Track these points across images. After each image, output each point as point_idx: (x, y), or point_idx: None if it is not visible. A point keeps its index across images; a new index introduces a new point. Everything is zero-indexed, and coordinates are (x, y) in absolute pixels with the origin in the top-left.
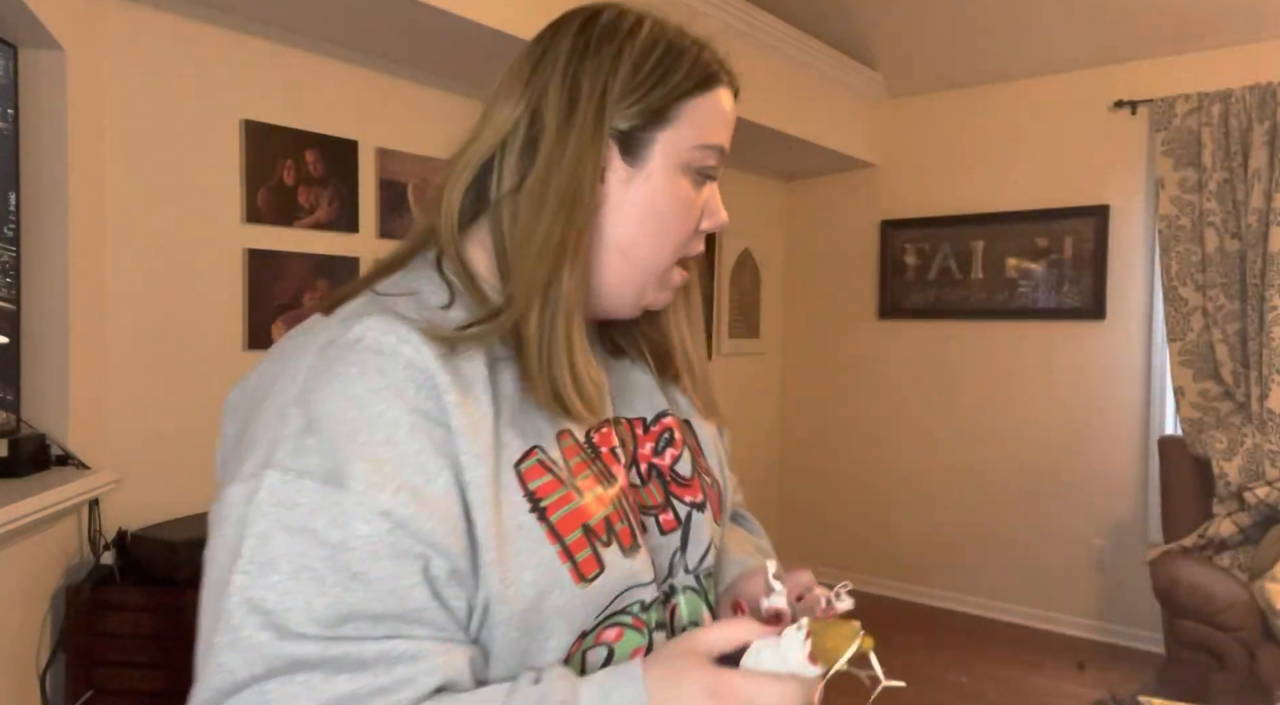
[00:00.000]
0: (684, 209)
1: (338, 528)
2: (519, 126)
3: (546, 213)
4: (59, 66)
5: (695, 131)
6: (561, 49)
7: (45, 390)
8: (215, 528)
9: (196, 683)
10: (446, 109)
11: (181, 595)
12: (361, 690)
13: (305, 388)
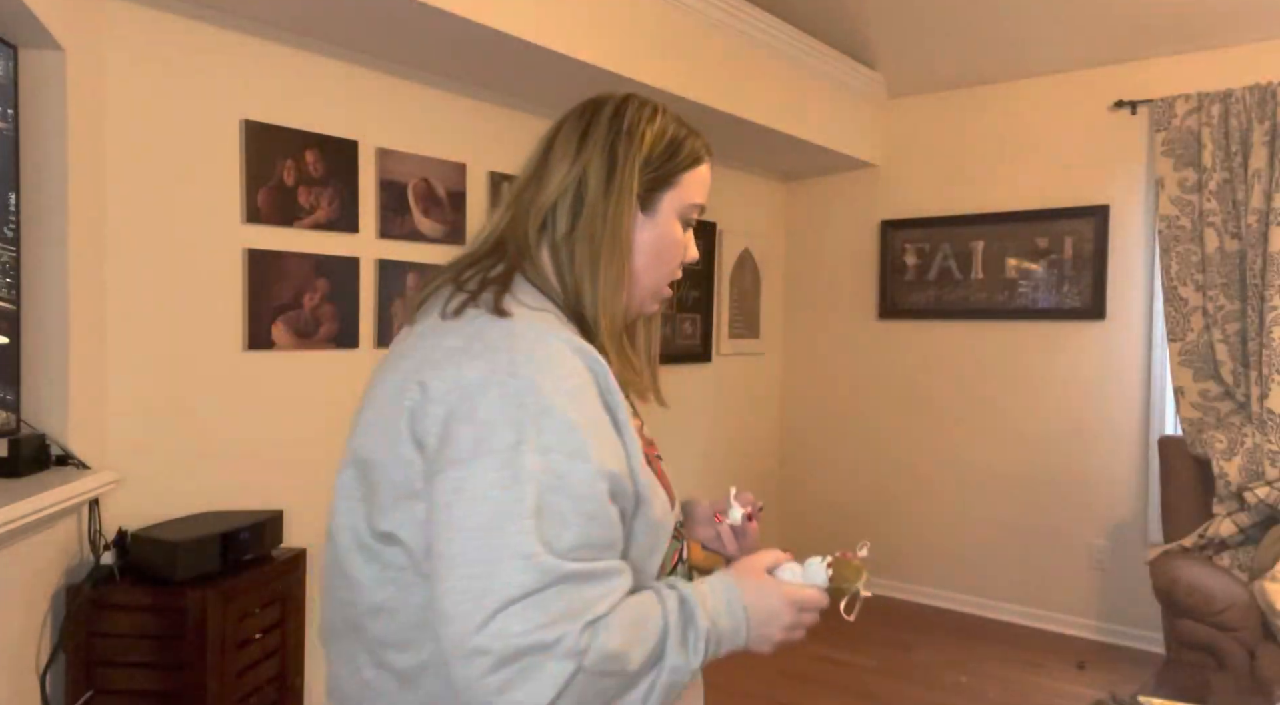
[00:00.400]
0: (677, 247)
1: (584, 486)
2: (569, 186)
3: (604, 252)
4: (59, 66)
5: (689, 193)
6: (600, 130)
7: (45, 390)
8: (473, 484)
9: (479, 598)
10: (446, 109)
11: (181, 595)
12: (598, 594)
13: (533, 384)
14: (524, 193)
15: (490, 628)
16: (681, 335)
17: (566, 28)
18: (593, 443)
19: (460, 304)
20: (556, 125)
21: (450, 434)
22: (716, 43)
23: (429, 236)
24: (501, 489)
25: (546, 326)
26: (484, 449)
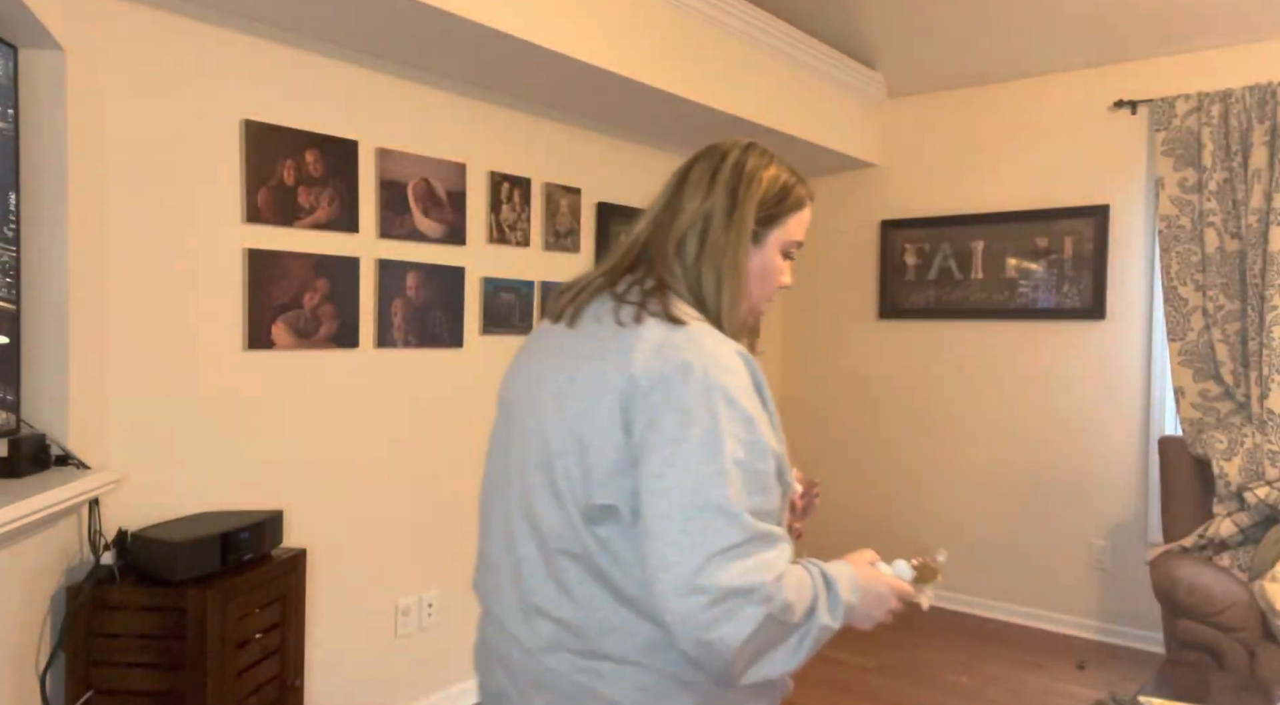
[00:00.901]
0: (778, 274)
1: (760, 464)
2: (698, 220)
3: (726, 277)
4: (59, 66)
5: (791, 231)
6: (725, 173)
7: (45, 390)
8: (681, 459)
9: (695, 548)
10: (446, 109)
11: (181, 595)
12: (776, 554)
13: (718, 379)
14: (661, 219)
15: (705, 572)
16: None
17: (567, 28)
18: (763, 429)
19: (635, 313)
20: (689, 164)
21: (658, 420)
22: (716, 42)
23: (429, 236)
24: (703, 463)
25: (714, 332)
26: (687, 431)
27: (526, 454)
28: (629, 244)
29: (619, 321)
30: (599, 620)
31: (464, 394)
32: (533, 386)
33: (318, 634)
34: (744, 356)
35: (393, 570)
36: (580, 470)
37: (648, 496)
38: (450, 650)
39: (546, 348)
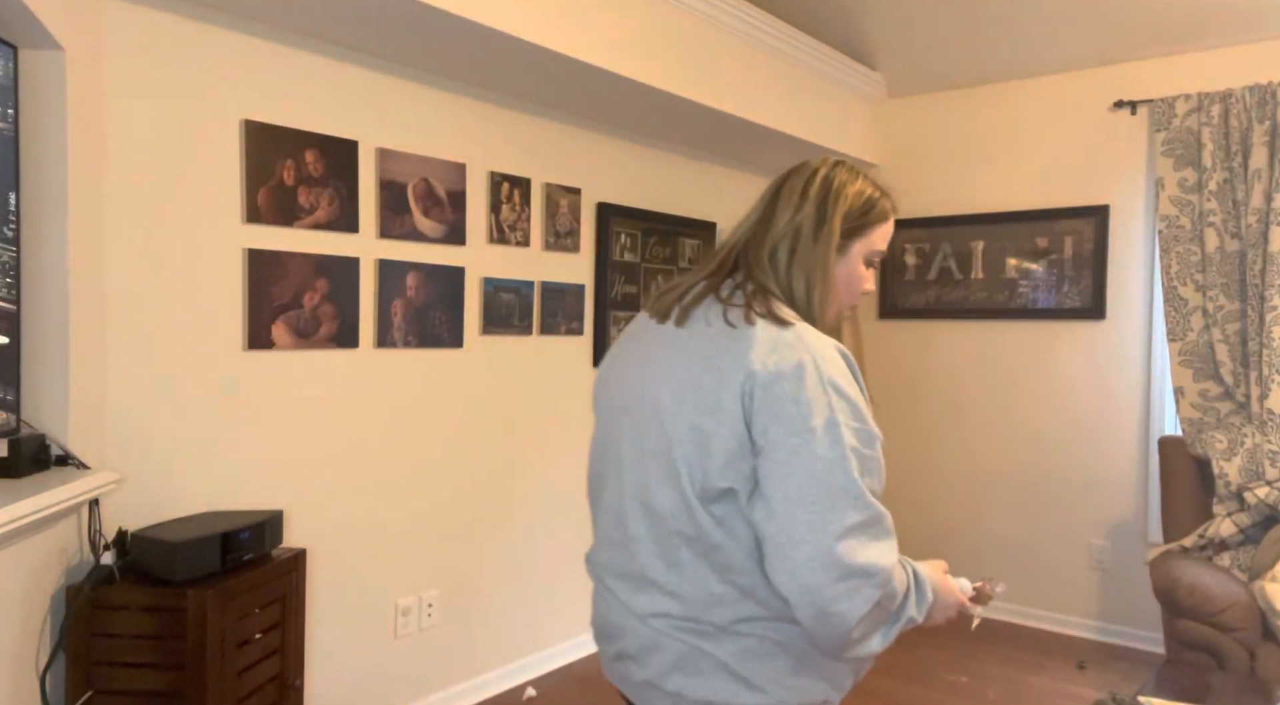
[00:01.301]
0: (860, 281)
1: (868, 448)
2: (789, 231)
3: (815, 283)
4: (59, 66)
5: (874, 241)
6: (815, 188)
7: (45, 390)
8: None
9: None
10: (446, 109)
11: (181, 595)
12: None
13: (829, 374)
14: (755, 229)
15: (838, 549)
16: None
17: (566, 28)
18: (868, 414)
19: (744, 315)
20: (781, 179)
21: (781, 412)
22: (716, 42)
23: (429, 236)
24: (828, 449)
25: (815, 331)
26: (809, 422)
27: (642, 444)
28: (725, 252)
29: (729, 322)
30: (704, 594)
31: (464, 394)
32: (646, 383)
33: (318, 634)
34: (841, 351)
35: (393, 570)
36: (699, 457)
37: (775, 482)
38: (450, 650)
39: (655, 347)
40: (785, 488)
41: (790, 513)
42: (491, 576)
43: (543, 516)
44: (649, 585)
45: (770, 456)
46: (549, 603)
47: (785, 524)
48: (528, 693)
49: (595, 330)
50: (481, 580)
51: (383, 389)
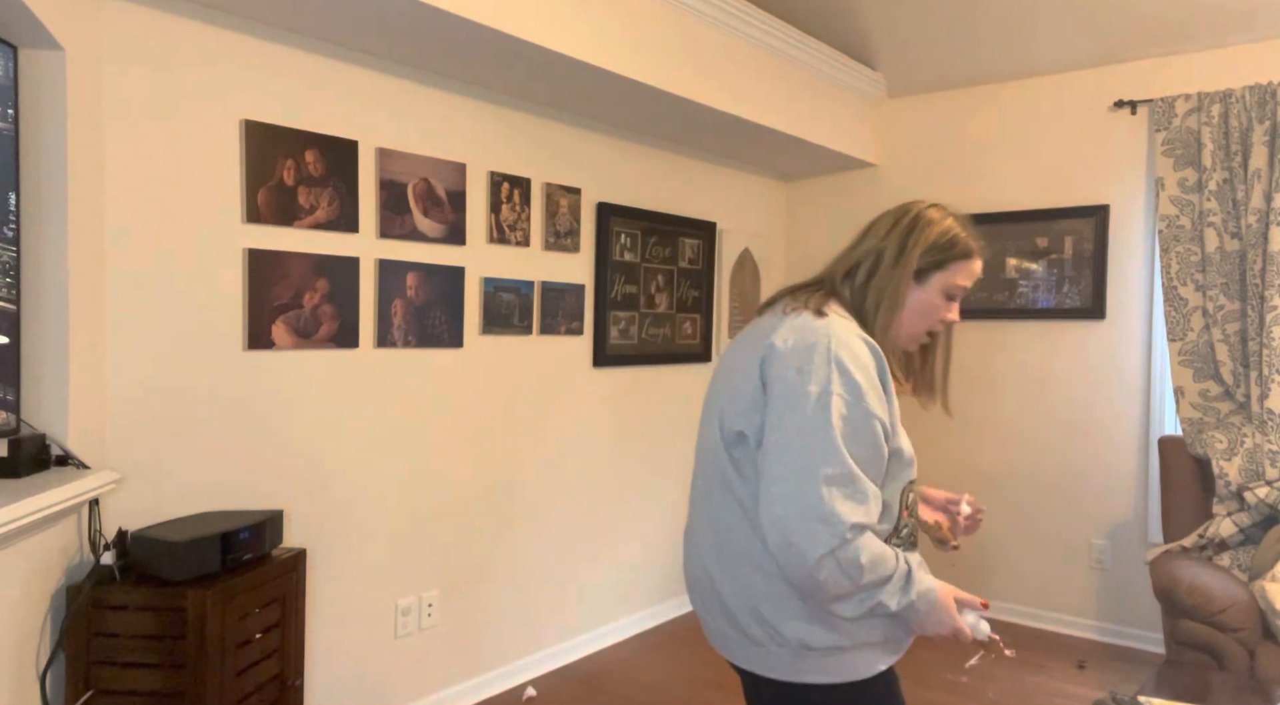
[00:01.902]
0: (936, 311)
1: (865, 422)
2: (870, 255)
3: (883, 306)
4: (59, 66)
5: (955, 276)
6: (904, 222)
7: (45, 390)
8: (800, 405)
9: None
10: (446, 109)
11: (181, 595)
12: (864, 501)
13: (837, 353)
14: (844, 253)
15: (806, 491)
16: (681, 335)
17: (566, 28)
18: (870, 396)
19: (796, 308)
20: (880, 216)
21: (785, 374)
22: (716, 42)
23: (429, 236)
24: (817, 411)
25: (849, 324)
26: (807, 386)
27: (709, 410)
28: (819, 272)
29: (782, 313)
30: (727, 525)
31: (464, 394)
32: (725, 362)
33: (318, 634)
34: (871, 347)
35: (393, 570)
36: (729, 408)
37: (770, 431)
38: (450, 650)
39: (738, 337)
40: (775, 436)
41: (777, 456)
42: (491, 576)
43: (543, 516)
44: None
45: (771, 410)
46: (549, 603)
47: (771, 465)
48: (528, 693)
49: (595, 330)
50: (481, 580)
51: (383, 389)
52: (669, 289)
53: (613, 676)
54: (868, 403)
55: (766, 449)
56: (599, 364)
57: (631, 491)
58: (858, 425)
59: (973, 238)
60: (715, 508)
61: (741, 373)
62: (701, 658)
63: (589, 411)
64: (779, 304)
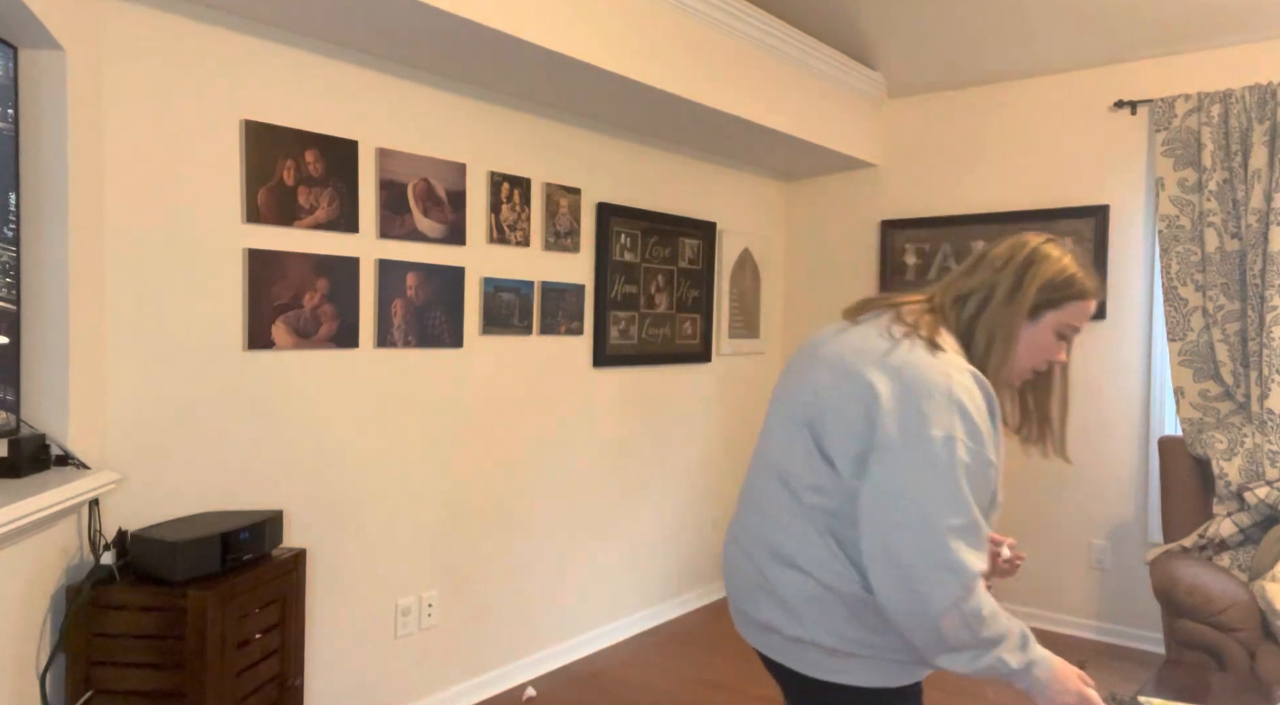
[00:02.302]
0: (1046, 350)
1: (983, 470)
2: (983, 287)
3: (996, 342)
4: (59, 66)
5: (1069, 316)
6: (1020, 257)
7: (45, 390)
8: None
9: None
10: (446, 109)
11: (181, 595)
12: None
13: (958, 397)
14: (955, 279)
15: (934, 541)
16: (681, 335)
17: (566, 28)
18: (989, 443)
19: (905, 332)
20: (993, 244)
21: (903, 412)
22: (716, 42)
23: (429, 236)
24: (940, 456)
25: (963, 362)
26: (929, 429)
27: (793, 410)
28: (933, 289)
29: (889, 333)
30: (788, 528)
31: (464, 394)
32: (816, 355)
33: (318, 634)
34: (982, 384)
35: (393, 570)
36: (821, 425)
37: (883, 470)
38: (450, 650)
39: (830, 338)
40: (894, 479)
41: (896, 502)
42: (491, 576)
43: (543, 516)
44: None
45: (885, 449)
46: (549, 603)
47: (890, 511)
48: (528, 693)
49: (595, 330)
50: (481, 580)
51: (383, 389)
52: (669, 289)
53: (613, 676)
54: (987, 451)
55: (882, 491)
56: (599, 364)
57: (632, 491)
58: (976, 473)
59: (1089, 278)
60: (778, 509)
61: (841, 393)
62: (701, 658)
63: (589, 412)
64: (881, 318)
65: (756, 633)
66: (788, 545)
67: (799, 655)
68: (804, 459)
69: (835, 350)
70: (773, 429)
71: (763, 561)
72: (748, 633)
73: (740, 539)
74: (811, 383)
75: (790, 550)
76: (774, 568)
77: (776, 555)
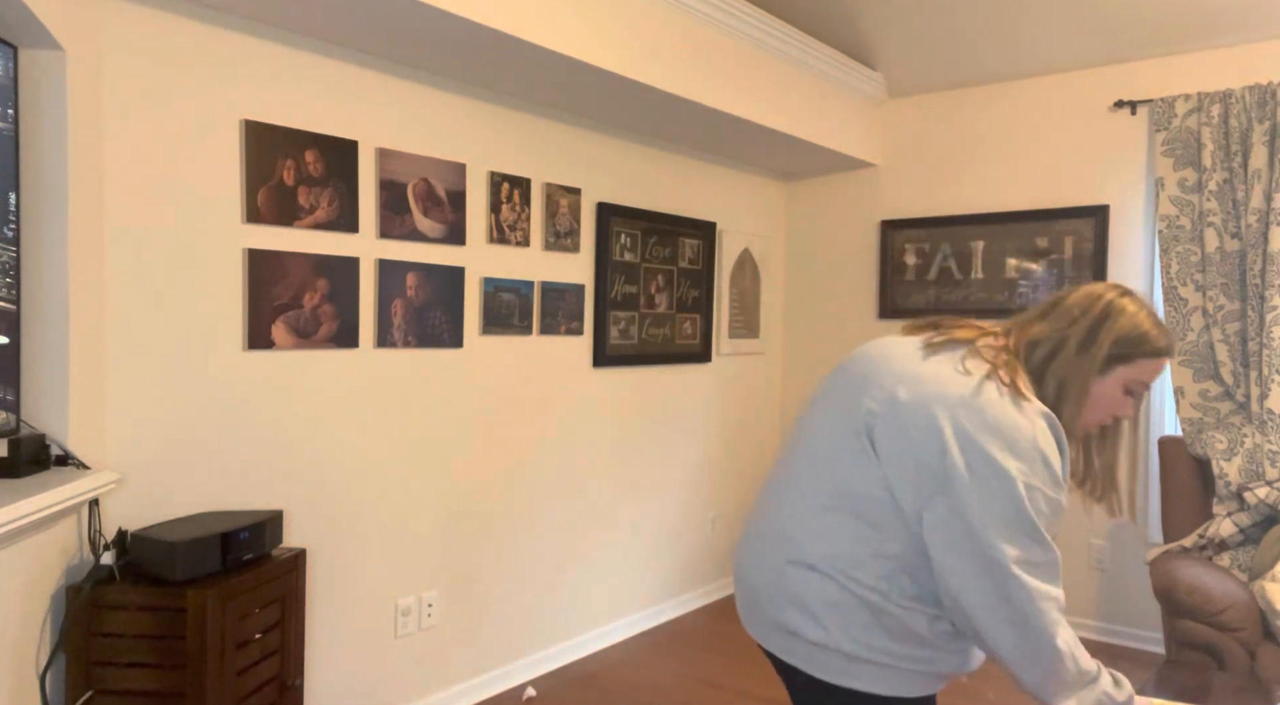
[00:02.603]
0: (1114, 405)
1: (1054, 512)
2: (1055, 335)
3: (1070, 393)
4: (59, 66)
5: (1139, 373)
6: (1096, 309)
7: (45, 390)
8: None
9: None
10: (446, 109)
11: (181, 595)
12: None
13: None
14: (1029, 323)
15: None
16: (681, 335)
17: (566, 28)
18: (1062, 489)
19: (988, 371)
20: (1069, 290)
21: (988, 451)
22: (716, 43)
23: (429, 236)
24: (1023, 491)
25: (1041, 406)
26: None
27: (850, 418)
28: (1008, 324)
29: (964, 368)
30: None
31: (464, 394)
32: (887, 370)
33: (318, 634)
34: (1055, 428)
35: (393, 570)
36: (885, 446)
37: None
38: (450, 650)
39: (901, 355)
40: (981, 517)
41: (976, 533)
42: (491, 576)
43: (542, 516)
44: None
45: (967, 491)
46: (549, 603)
47: (980, 545)
48: (528, 693)
49: (595, 330)
50: (481, 580)
51: (383, 389)
52: (669, 289)
53: (613, 676)
54: (1060, 498)
55: (969, 528)
56: (599, 364)
57: (632, 491)
58: (1051, 518)
59: (1164, 336)
60: (808, 510)
61: (917, 422)
62: (701, 658)
63: (589, 412)
64: (958, 352)
65: (771, 635)
66: (814, 547)
67: (819, 661)
68: (853, 467)
69: (912, 372)
70: (819, 430)
71: (785, 562)
72: (761, 634)
73: (763, 537)
74: (880, 396)
75: (817, 553)
76: (797, 570)
77: (801, 556)
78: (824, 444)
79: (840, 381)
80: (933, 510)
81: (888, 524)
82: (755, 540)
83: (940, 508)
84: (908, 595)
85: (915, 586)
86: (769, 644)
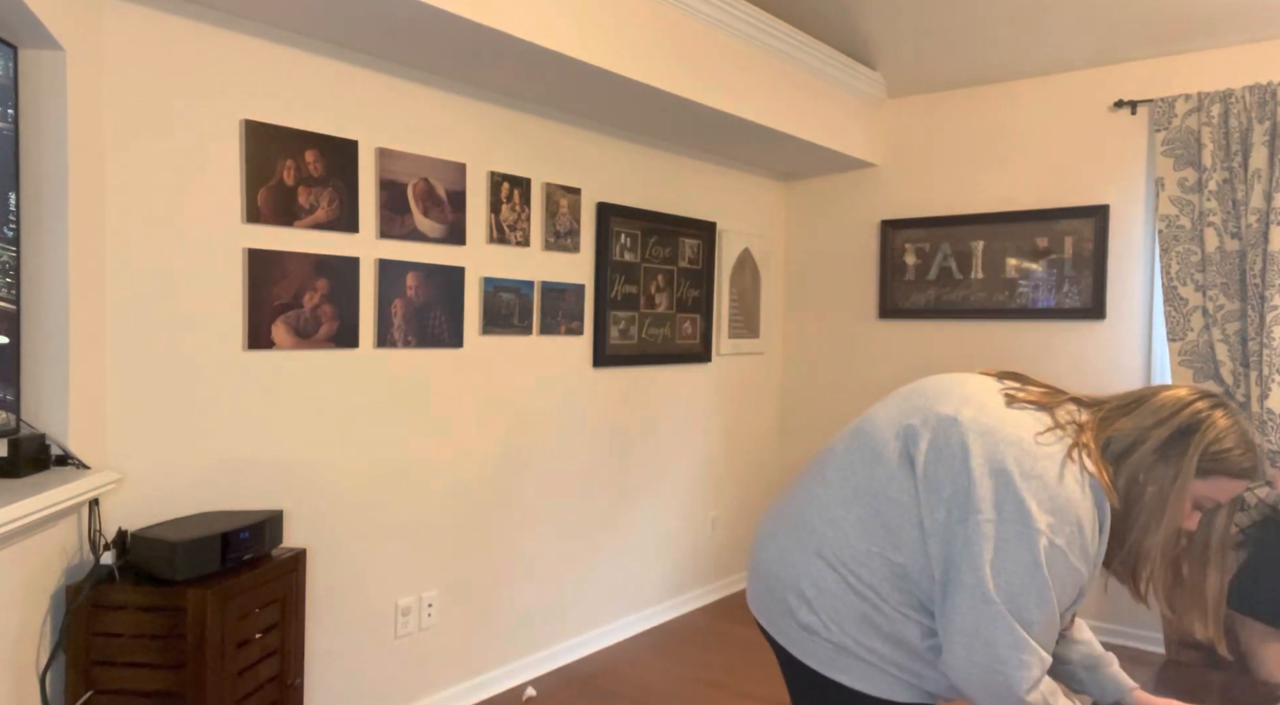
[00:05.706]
0: (1180, 518)
1: (1066, 569)
2: (1137, 433)
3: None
4: (59, 66)
5: (1214, 490)
6: (1185, 414)
7: (45, 390)
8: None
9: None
10: (446, 109)
11: (181, 595)
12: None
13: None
14: (1114, 410)
15: (1019, 629)
16: (681, 335)
17: (566, 28)
18: (1093, 561)
19: (1066, 451)
20: (1165, 388)
21: (1022, 497)
22: (716, 42)
23: (429, 236)
24: (1043, 545)
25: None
26: (1039, 523)
27: (905, 440)
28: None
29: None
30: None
31: (464, 394)
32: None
33: (318, 634)
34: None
35: (393, 570)
36: (926, 465)
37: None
38: (450, 650)
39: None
40: (996, 563)
41: (986, 582)
42: (491, 576)
43: (543, 516)
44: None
45: (990, 523)
46: (549, 603)
47: (987, 591)
48: (528, 693)
49: (595, 330)
50: (481, 580)
51: (383, 389)
52: (669, 289)
53: (613, 676)
54: (1087, 565)
55: (976, 563)
56: (599, 364)
57: (631, 491)
58: (1067, 585)
59: (1248, 456)
60: (832, 502)
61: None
62: (701, 658)
63: (589, 412)
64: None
65: (770, 612)
66: (826, 534)
67: (807, 645)
68: (890, 471)
69: (986, 424)
70: (872, 437)
71: (795, 545)
72: (760, 610)
73: (782, 516)
74: (944, 433)
75: (826, 541)
76: (804, 554)
77: (812, 542)
78: (869, 450)
79: (910, 391)
80: (951, 533)
81: (903, 532)
82: (775, 518)
83: (959, 533)
84: (905, 603)
85: (913, 597)
86: (765, 621)
